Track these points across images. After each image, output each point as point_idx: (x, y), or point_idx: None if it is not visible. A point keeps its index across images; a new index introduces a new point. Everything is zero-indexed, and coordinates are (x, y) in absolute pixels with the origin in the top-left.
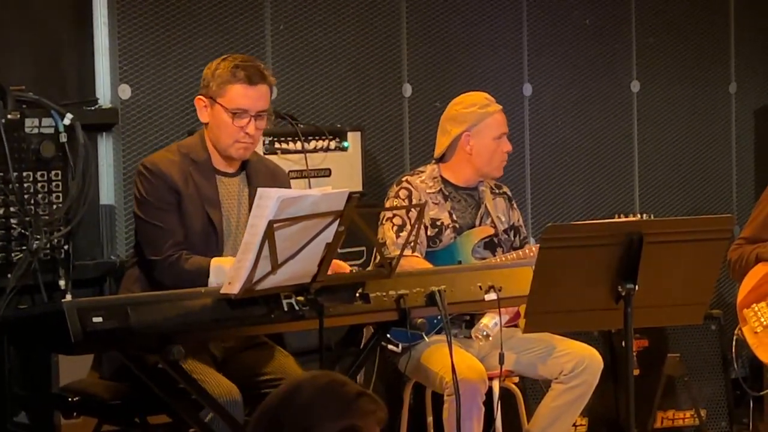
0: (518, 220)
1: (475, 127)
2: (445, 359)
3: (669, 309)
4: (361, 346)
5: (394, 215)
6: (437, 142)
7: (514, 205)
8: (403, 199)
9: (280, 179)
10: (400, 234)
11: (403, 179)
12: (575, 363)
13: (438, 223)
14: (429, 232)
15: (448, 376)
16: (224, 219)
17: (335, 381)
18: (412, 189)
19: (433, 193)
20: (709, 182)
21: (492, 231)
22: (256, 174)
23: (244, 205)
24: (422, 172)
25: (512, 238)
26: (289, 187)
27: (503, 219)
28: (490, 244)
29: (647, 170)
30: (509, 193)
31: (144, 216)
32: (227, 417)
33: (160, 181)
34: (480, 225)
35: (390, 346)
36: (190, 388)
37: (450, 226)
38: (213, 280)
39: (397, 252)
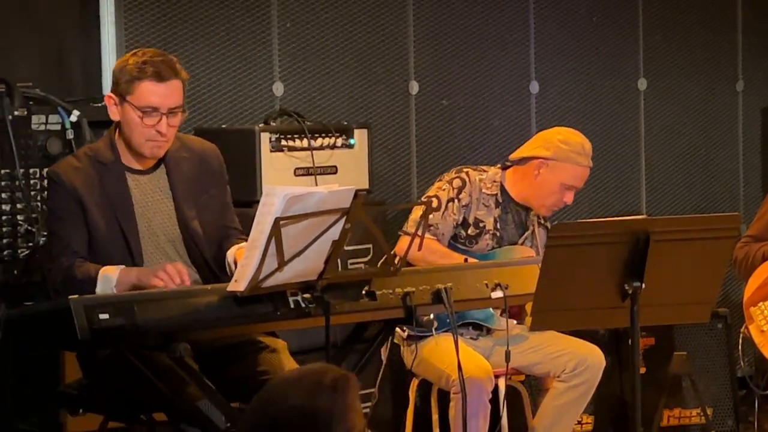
0: None
1: (557, 162)
2: (452, 357)
3: (675, 307)
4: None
5: (435, 196)
6: (522, 147)
7: None
8: (454, 188)
9: (209, 161)
10: (430, 216)
11: (465, 169)
12: (577, 362)
13: (481, 224)
14: (470, 231)
15: (455, 374)
16: (139, 220)
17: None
18: (467, 182)
19: (489, 195)
20: (715, 180)
21: (533, 254)
22: (177, 167)
23: (166, 202)
24: (485, 171)
25: None
26: (221, 163)
27: (541, 249)
28: None
29: (654, 168)
30: (549, 226)
31: (46, 225)
32: (230, 412)
33: (60, 189)
34: (523, 245)
35: (396, 329)
36: (195, 382)
37: (491, 232)
38: (99, 290)
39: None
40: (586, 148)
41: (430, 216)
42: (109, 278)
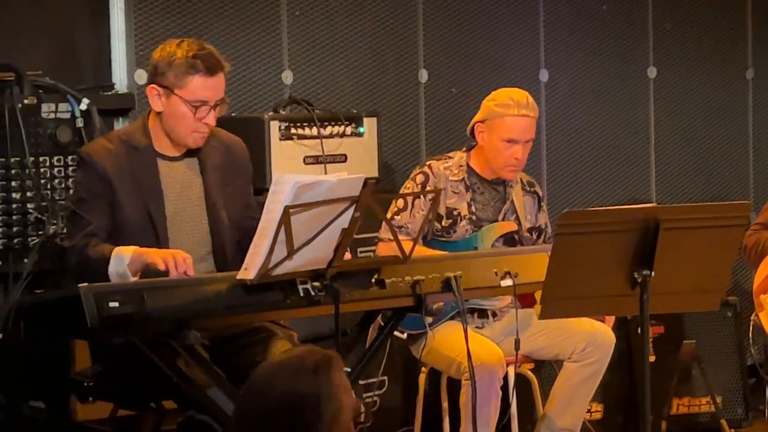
0: (545, 224)
1: (490, 121)
2: (462, 344)
3: (685, 295)
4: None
5: (400, 197)
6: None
7: (544, 207)
8: (418, 184)
9: (235, 153)
10: (396, 217)
11: (427, 163)
12: (587, 341)
13: (455, 213)
14: (443, 222)
15: (466, 362)
16: (169, 207)
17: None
18: (430, 175)
19: (456, 181)
20: (725, 168)
21: (515, 227)
22: (208, 155)
23: (195, 189)
24: (450, 158)
25: (534, 239)
26: (247, 158)
27: (529, 217)
28: (510, 241)
29: (663, 156)
30: (540, 193)
31: (71, 203)
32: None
33: (89, 170)
34: (504, 220)
35: (395, 333)
36: (205, 370)
37: (467, 217)
38: (112, 269)
39: (387, 233)
40: (515, 98)
41: (398, 217)
42: (123, 258)
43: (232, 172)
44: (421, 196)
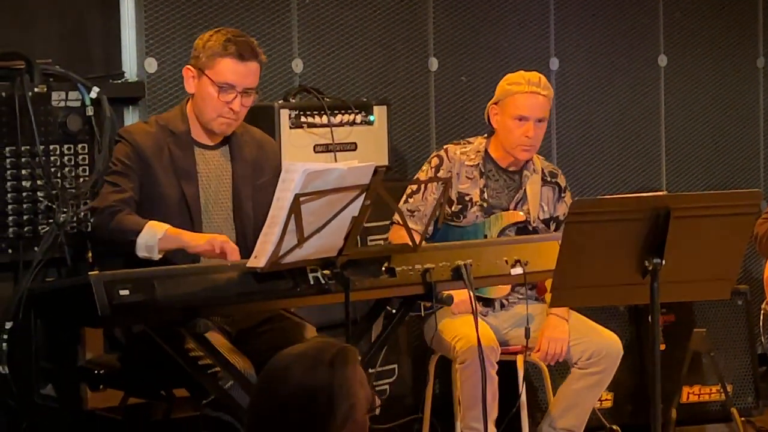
0: (564, 214)
1: (502, 101)
2: (458, 328)
3: (696, 284)
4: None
5: (411, 182)
6: None
7: (566, 198)
8: (432, 167)
9: (267, 151)
10: (409, 200)
11: (444, 147)
12: (593, 351)
13: (466, 198)
14: (453, 207)
15: (459, 345)
16: (201, 192)
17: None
18: (445, 159)
19: (471, 166)
20: (736, 157)
21: (522, 218)
22: (240, 147)
23: (225, 177)
24: (470, 143)
25: (550, 230)
26: (278, 158)
27: (546, 209)
28: (523, 231)
29: (674, 145)
30: (562, 184)
31: (106, 176)
32: (249, 388)
33: (129, 147)
34: (515, 209)
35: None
36: (215, 360)
37: (478, 204)
38: (142, 240)
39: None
40: (527, 77)
41: (411, 200)
42: (156, 231)
43: (262, 166)
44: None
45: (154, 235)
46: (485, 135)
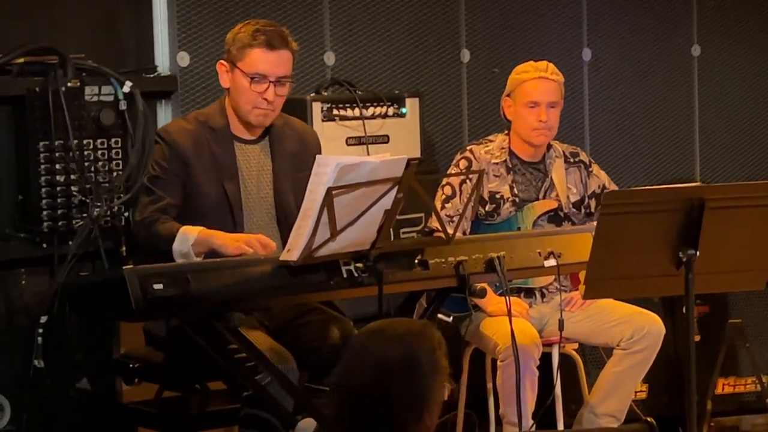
0: (599, 186)
1: (513, 92)
2: (499, 325)
3: (730, 275)
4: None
5: (447, 183)
6: None
7: (594, 170)
8: (462, 170)
9: (309, 142)
10: (446, 205)
11: (468, 148)
12: (634, 329)
13: (497, 196)
14: (487, 207)
15: (502, 342)
16: (242, 188)
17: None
18: (473, 159)
19: (497, 164)
20: None
21: (555, 205)
22: (280, 140)
23: (266, 173)
24: (491, 141)
25: (581, 213)
26: (319, 149)
27: (575, 191)
28: (555, 218)
29: (708, 135)
30: (586, 159)
31: (146, 180)
32: (286, 382)
33: (169, 149)
34: (544, 198)
35: (440, 316)
36: (250, 354)
37: (510, 200)
38: (176, 247)
39: (436, 223)
40: (535, 65)
41: (448, 205)
42: (188, 237)
43: (303, 159)
44: (467, 180)
45: (186, 242)
46: (505, 132)
